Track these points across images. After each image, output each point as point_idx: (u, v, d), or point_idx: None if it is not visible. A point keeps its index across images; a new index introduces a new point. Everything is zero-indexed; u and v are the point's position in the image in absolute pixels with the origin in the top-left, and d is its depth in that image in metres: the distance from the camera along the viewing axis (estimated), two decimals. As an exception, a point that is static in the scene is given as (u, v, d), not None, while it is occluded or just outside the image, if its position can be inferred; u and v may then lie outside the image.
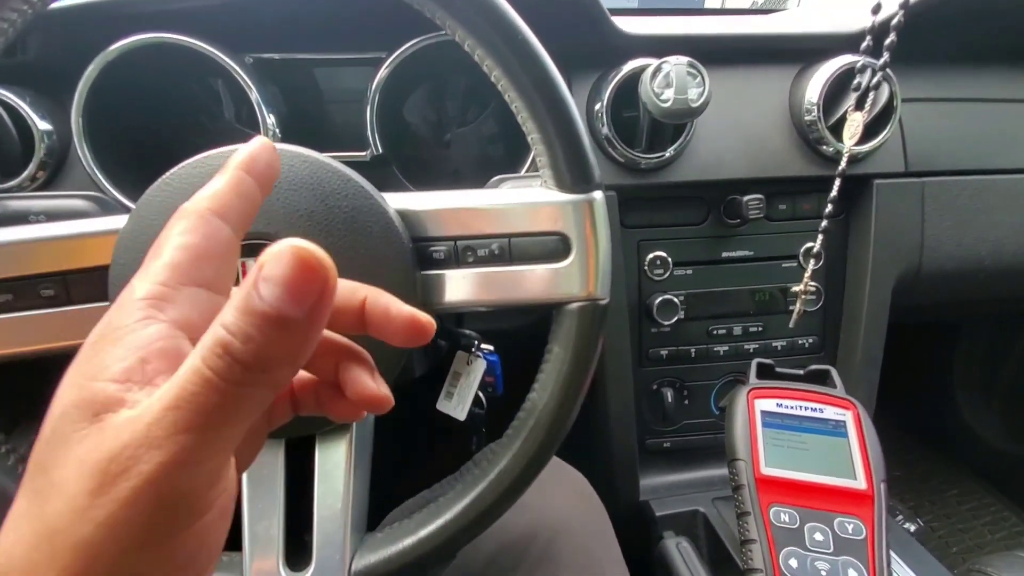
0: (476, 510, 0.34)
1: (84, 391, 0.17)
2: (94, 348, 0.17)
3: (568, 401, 0.34)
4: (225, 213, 0.20)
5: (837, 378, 0.51)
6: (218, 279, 0.20)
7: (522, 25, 0.32)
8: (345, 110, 0.63)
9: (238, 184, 0.21)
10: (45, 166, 0.53)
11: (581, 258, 0.34)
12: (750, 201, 0.58)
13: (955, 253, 0.64)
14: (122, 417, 0.16)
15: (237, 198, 0.21)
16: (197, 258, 0.19)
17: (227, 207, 0.20)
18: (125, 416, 0.16)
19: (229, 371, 0.16)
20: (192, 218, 0.20)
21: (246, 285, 0.16)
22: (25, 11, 0.30)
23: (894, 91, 0.56)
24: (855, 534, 0.42)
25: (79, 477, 0.15)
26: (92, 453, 0.16)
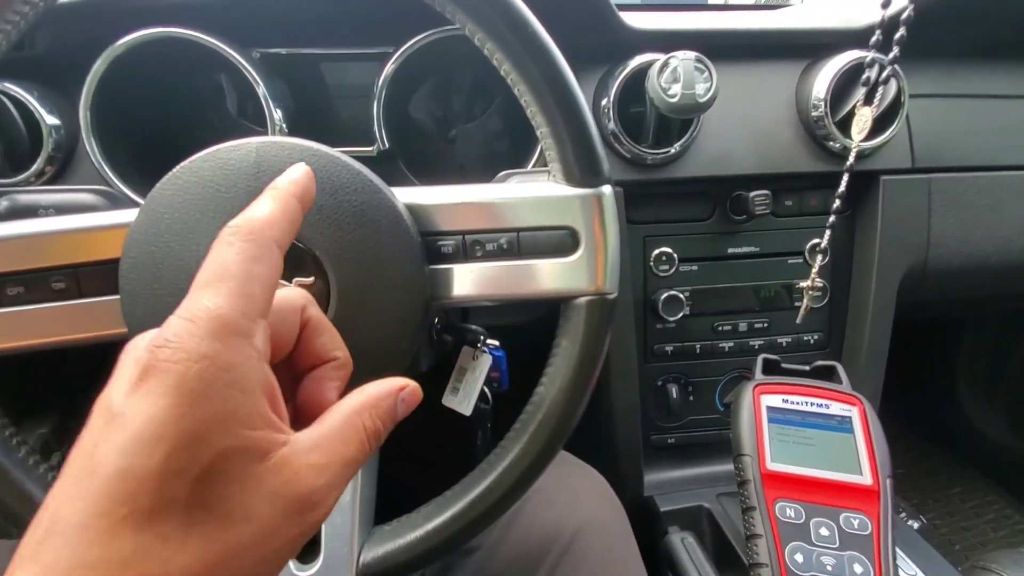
0: (484, 503, 0.34)
1: (246, 439, 0.19)
2: (220, 390, 0.19)
3: (576, 395, 0.34)
4: (282, 242, 0.23)
5: (843, 374, 0.51)
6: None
7: (532, 18, 0.32)
8: (351, 105, 0.63)
9: (291, 213, 0.23)
10: (53, 160, 0.53)
11: (590, 252, 0.34)
12: (756, 197, 0.58)
13: (961, 250, 0.64)
14: (290, 456, 0.20)
15: (290, 226, 0.23)
16: (267, 290, 0.22)
17: (283, 236, 0.23)
18: (291, 455, 0.20)
19: (376, 445, 0.23)
20: (261, 247, 0.22)
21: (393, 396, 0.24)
22: (37, 3, 0.30)
23: (901, 87, 0.56)
24: (861, 529, 0.42)
25: (274, 507, 0.19)
26: (287, 488, 0.20)
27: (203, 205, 0.32)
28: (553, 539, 0.46)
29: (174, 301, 0.32)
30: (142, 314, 0.32)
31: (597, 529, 0.48)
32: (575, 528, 0.47)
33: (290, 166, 0.32)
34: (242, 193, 0.31)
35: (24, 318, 0.33)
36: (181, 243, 0.32)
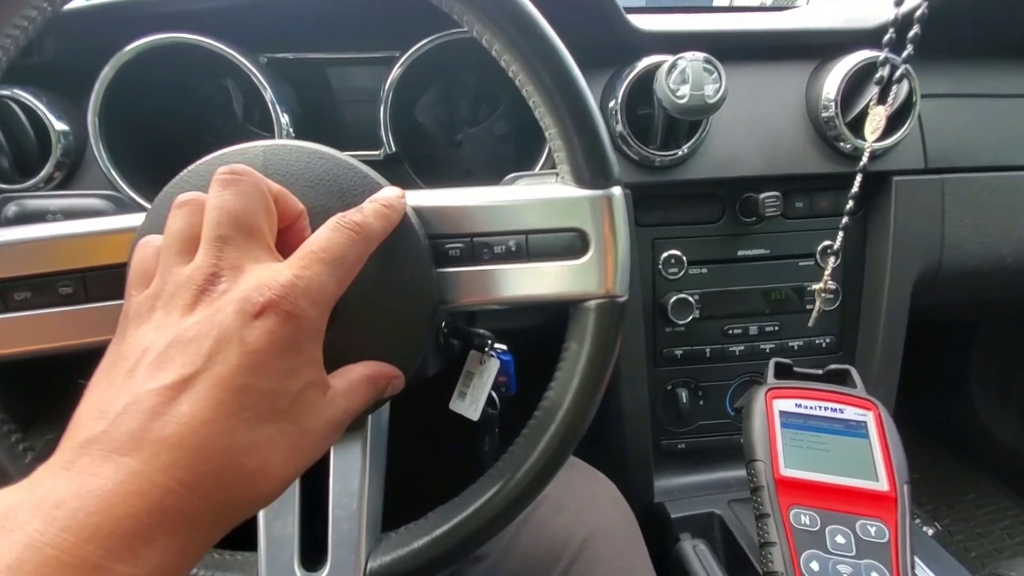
0: (492, 510, 0.34)
1: (318, 378, 0.26)
2: (311, 342, 0.26)
3: (587, 399, 0.34)
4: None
5: (857, 378, 0.50)
6: None
7: (541, 19, 0.31)
8: (358, 109, 0.63)
9: (389, 232, 0.31)
10: (62, 166, 0.53)
11: (599, 255, 0.34)
12: (766, 199, 0.58)
13: (976, 251, 0.63)
14: (334, 396, 0.27)
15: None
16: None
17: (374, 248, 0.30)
18: (335, 395, 0.27)
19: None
20: (367, 250, 0.29)
21: (388, 378, 0.32)
22: (45, 8, 0.30)
23: (913, 86, 0.55)
24: (878, 537, 0.41)
25: (327, 427, 0.26)
26: (332, 417, 0.27)
27: None
28: (563, 547, 0.46)
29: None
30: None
31: (607, 536, 0.47)
32: (585, 535, 0.46)
33: (297, 168, 0.32)
34: None
35: (31, 323, 0.33)
36: None
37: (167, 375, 0.22)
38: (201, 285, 0.24)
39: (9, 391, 0.35)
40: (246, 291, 0.24)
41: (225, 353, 0.23)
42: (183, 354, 0.23)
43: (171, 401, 0.22)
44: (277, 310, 0.24)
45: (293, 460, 0.25)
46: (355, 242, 0.27)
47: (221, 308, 0.24)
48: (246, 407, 0.23)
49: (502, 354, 0.51)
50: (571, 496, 0.50)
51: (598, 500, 0.51)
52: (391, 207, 0.30)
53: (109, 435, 0.21)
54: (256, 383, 0.23)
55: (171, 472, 0.21)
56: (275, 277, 0.25)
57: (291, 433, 0.24)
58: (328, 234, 0.27)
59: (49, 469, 0.21)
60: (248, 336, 0.23)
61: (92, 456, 0.20)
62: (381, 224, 0.29)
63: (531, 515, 0.48)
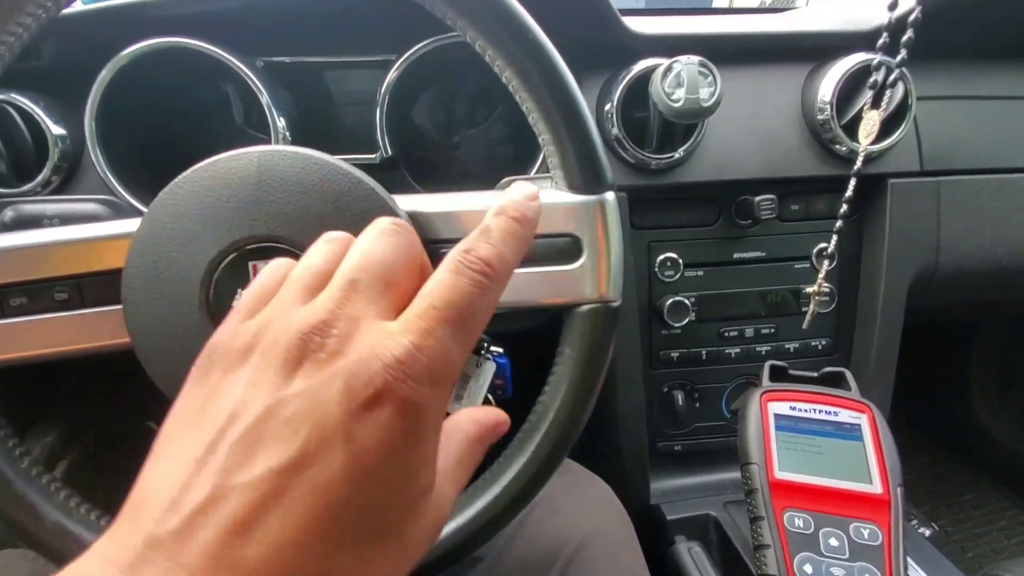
0: (486, 516, 0.34)
1: (432, 479, 0.21)
2: (432, 433, 0.21)
3: (580, 404, 0.34)
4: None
5: (852, 381, 0.50)
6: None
7: (533, 24, 0.31)
8: (355, 112, 0.63)
9: (521, 253, 0.24)
10: (59, 170, 0.53)
11: (593, 260, 0.34)
12: (762, 201, 0.58)
13: (972, 253, 0.63)
14: (439, 490, 0.22)
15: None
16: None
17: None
18: (439, 487, 0.22)
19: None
20: (497, 294, 0.22)
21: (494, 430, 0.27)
22: (39, 15, 0.30)
23: (909, 89, 0.56)
24: (871, 540, 0.42)
25: (429, 535, 0.21)
26: (437, 518, 0.22)
27: (205, 215, 0.31)
28: (558, 549, 0.46)
29: (176, 310, 0.32)
30: (145, 324, 0.32)
31: (602, 539, 0.47)
32: (580, 538, 0.46)
33: (291, 174, 0.32)
34: (243, 203, 0.31)
35: (27, 329, 0.33)
36: (182, 253, 0.31)
37: (255, 465, 0.18)
38: (306, 336, 0.19)
39: (6, 396, 0.35)
40: (358, 363, 0.19)
41: (327, 451, 0.18)
42: (277, 438, 0.18)
43: (257, 509, 0.17)
44: (394, 398, 0.18)
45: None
46: (486, 290, 0.21)
47: (327, 382, 0.19)
48: (343, 526, 0.18)
49: (498, 357, 0.51)
50: (567, 499, 0.50)
51: (594, 503, 0.51)
52: (523, 218, 0.23)
53: (181, 544, 0.17)
54: (360, 498, 0.18)
55: None
56: (393, 345, 0.19)
57: (393, 553, 0.20)
58: (451, 281, 0.20)
59: (105, 565, 0.17)
60: (358, 431, 0.18)
61: (157, 567, 0.17)
62: (515, 251, 0.22)
63: (526, 518, 0.48)
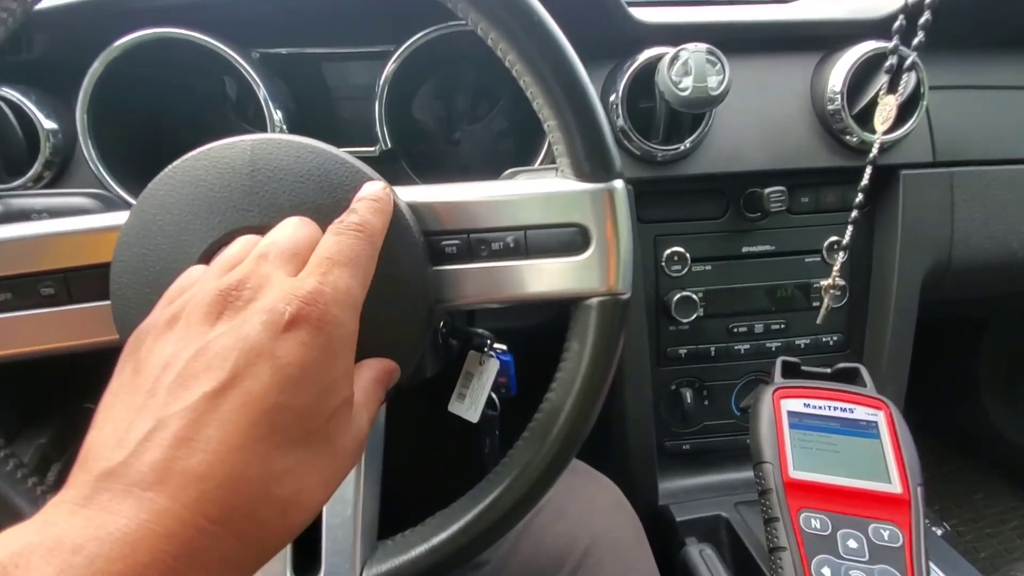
0: (492, 516, 0.32)
1: (350, 392, 0.25)
2: (346, 351, 0.25)
3: (590, 401, 0.32)
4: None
5: (867, 376, 0.49)
6: None
7: (538, 7, 0.30)
8: (354, 105, 0.62)
9: (386, 226, 0.30)
10: (51, 164, 0.52)
11: (601, 251, 0.32)
12: (771, 194, 0.56)
13: (986, 246, 0.62)
14: (356, 410, 0.26)
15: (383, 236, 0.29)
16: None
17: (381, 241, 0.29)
18: (355, 409, 0.26)
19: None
20: (376, 246, 0.28)
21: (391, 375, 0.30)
22: (14, 9, 0.29)
23: (921, 78, 0.54)
24: (891, 541, 0.40)
25: (354, 446, 0.25)
26: (358, 434, 0.25)
27: (196, 206, 0.30)
28: (566, 552, 0.45)
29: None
30: (134, 319, 0.31)
31: (611, 542, 0.46)
32: (589, 541, 0.45)
33: (286, 163, 0.30)
34: (236, 192, 0.30)
35: (12, 325, 0.32)
36: (173, 245, 0.30)
37: (191, 394, 0.20)
38: (224, 292, 0.23)
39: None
40: (272, 301, 0.23)
41: (255, 368, 0.21)
42: (208, 369, 0.21)
43: (197, 424, 0.20)
44: (308, 320, 0.22)
45: (324, 486, 0.23)
46: (363, 241, 0.27)
47: (247, 319, 0.22)
48: (278, 429, 0.21)
49: (502, 354, 0.50)
50: (574, 500, 0.49)
51: (602, 505, 0.50)
52: (380, 199, 0.29)
53: (130, 467, 0.19)
54: (290, 401, 0.21)
55: (200, 507, 0.19)
56: (300, 285, 0.23)
57: (324, 455, 0.23)
58: (335, 239, 0.26)
59: (63, 506, 0.18)
60: (279, 349, 0.22)
61: (111, 491, 0.18)
62: (379, 219, 0.29)
63: (533, 520, 0.47)
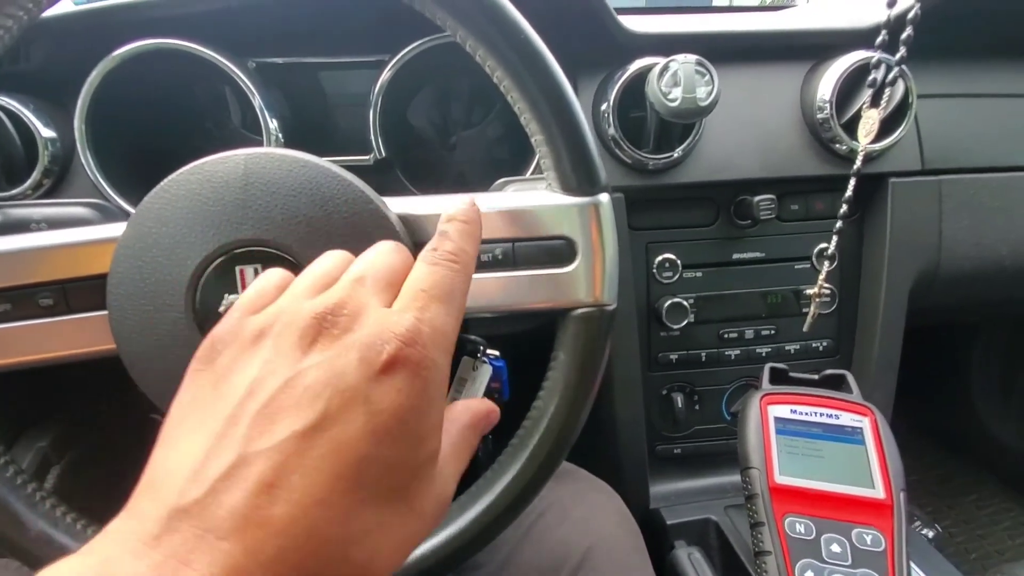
0: (481, 523, 0.33)
1: (439, 446, 0.23)
2: (440, 399, 0.22)
3: (575, 410, 0.33)
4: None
5: (853, 383, 0.50)
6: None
7: (524, 24, 0.31)
8: (349, 114, 0.62)
9: (477, 250, 0.28)
10: (49, 174, 0.52)
11: (587, 263, 0.33)
12: (761, 202, 0.57)
13: (974, 253, 0.63)
14: (442, 465, 0.23)
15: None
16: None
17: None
18: (442, 463, 0.23)
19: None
20: (468, 279, 0.26)
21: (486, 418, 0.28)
22: (21, 17, 0.30)
23: (909, 87, 0.55)
24: (874, 545, 0.41)
25: (436, 508, 0.22)
26: (442, 493, 0.23)
27: (190, 219, 0.31)
28: (564, 557, 0.45)
29: (162, 316, 0.31)
30: (130, 330, 0.32)
31: (610, 548, 0.46)
32: (587, 546, 0.46)
33: (278, 176, 0.31)
34: (230, 206, 0.31)
35: (10, 336, 0.32)
36: (168, 257, 0.31)
37: (279, 431, 0.18)
38: (319, 316, 0.21)
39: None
40: (369, 336, 0.20)
41: (348, 412, 0.19)
42: (299, 406, 0.19)
43: (283, 469, 0.18)
44: (407, 363, 0.20)
45: (401, 550, 0.21)
46: (458, 273, 0.24)
47: (342, 353, 0.20)
48: (364, 484, 0.19)
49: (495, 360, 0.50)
50: (574, 506, 0.50)
51: (601, 511, 0.51)
52: (471, 221, 0.27)
53: (206, 508, 0.17)
54: (379, 454, 0.19)
55: (275, 568, 0.17)
56: (398, 321, 0.21)
57: (405, 516, 0.21)
58: (430, 270, 0.24)
59: (127, 542, 0.17)
60: (375, 394, 0.19)
61: (183, 534, 0.17)
62: (472, 246, 0.26)
63: (533, 525, 0.48)
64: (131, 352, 0.32)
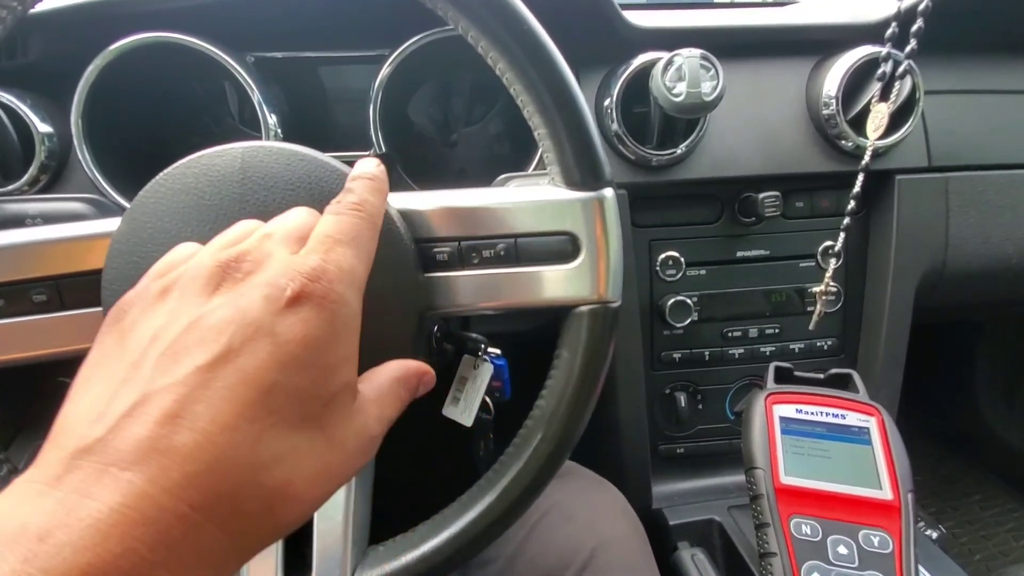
0: (483, 523, 0.32)
1: (353, 378, 0.23)
2: (351, 333, 0.23)
3: (578, 409, 0.32)
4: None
5: (860, 382, 0.49)
6: None
7: (527, 15, 0.30)
8: (349, 109, 0.62)
9: (384, 203, 0.29)
10: (46, 169, 0.52)
11: (591, 259, 0.32)
12: (766, 199, 0.56)
13: (981, 251, 0.62)
14: (363, 403, 0.24)
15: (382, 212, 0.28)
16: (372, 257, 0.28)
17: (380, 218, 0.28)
18: (363, 401, 0.24)
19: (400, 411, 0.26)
20: (375, 224, 0.27)
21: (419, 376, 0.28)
22: (15, 7, 0.29)
23: (916, 83, 0.54)
24: (881, 547, 0.40)
25: (356, 441, 0.23)
26: (363, 429, 0.23)
27: (187, 213, 0.30)
28: (571, 555, 0.45)
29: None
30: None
31: (616, 547, 0.46)
32: (594, 545, 0.45)
33: (276, 170, 0.31)
34: (227, 201, 0.30)
35: (3, 332, 0.32)
36: (164, 252, 0.30)
37: (181, 367, 0.19)
38: (223, 264, 0.22)
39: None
40: (274, 275, 0.21)
41: (252, 344, 0.19)
42: (202, 342, 0.19)
43: (186, 400, 0.18)
44: (311, 297, 0.21)
45: (320, 481, 0.21)
46: (363, 219, 0.25)
47: (245, 292, 0.21)
48: (272, 411, 0.19)
49: (496, 358, 0.50)
50: (581, 505, 0.49)
51: (608, 510, 0.50)
52: (376, 177, 0.28)
53: (108, 443, 0.17)
54: (287, 381, 0.20)
55: (183, 492, 0.17)
56: (303, 261, 0.22)
57: (319, 445, 0.21)
58: (334, 219, 0.25)
59: (30, 486, 0.17)
60: (280, 326, 0.20)
61: (85, 470, 0.17)
62: (377, 197, 0.27)
63: (540, 522, 0.48)
64: (126, 349, 0.31)
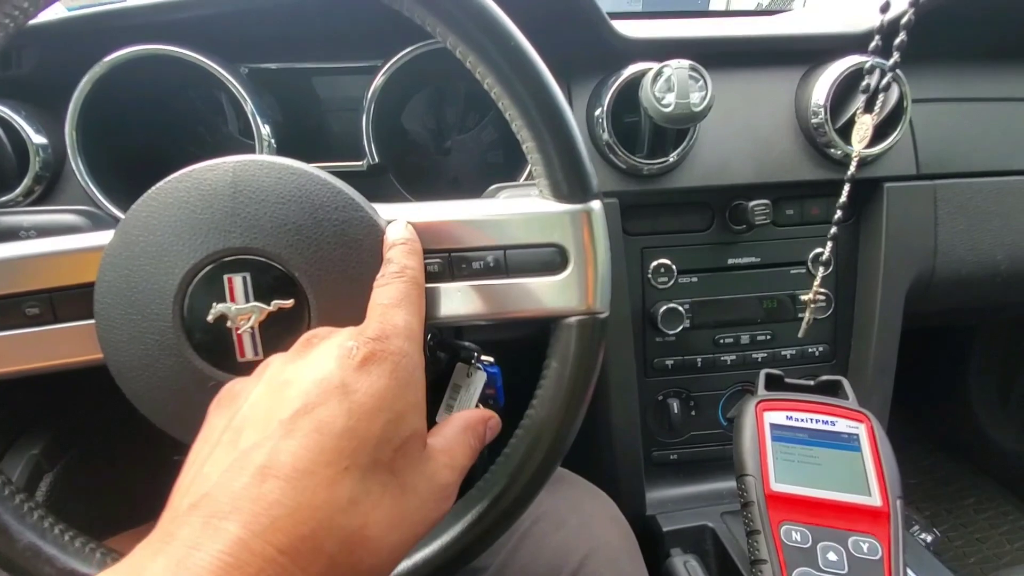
0: (473, 533, 0.33)
1: (422, 426, 0.25)
2: (416, 382, 0.25)
3: (568, 418, 0.33)
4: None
5: (849, 389, 0.49)
6: None
7: (515, 31, 0.31)
8: (343, 119, 0.62)
9: (421, 264, 0.32)
10: (41, 179, 0.52)
11: (579, 270, 0.33)
12: (756, 206, 0.57)
13: (970, 258, 0.63)
14: (433, 451, 0.26)
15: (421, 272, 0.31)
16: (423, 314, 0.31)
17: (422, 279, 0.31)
18: (433, 450, 0.26)
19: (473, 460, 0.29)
20: (420, 285, 0.30)
21: (485, 423, 0.31)
22: (17, 16, 0.29)
23: (904, 91, 0.55)
24: (871, 554, 0.40)
25: (428, 488, 0.24)
26: (435, 476, 0.25)
27: (178, 227, 0.31)
28: (562, 563, 0.45)
29: (149, 326, 0.31)
30: (117, 340, 0.31)
31: (607, 554, 0.46)
32: (585, 552, 0.46)
33: (267, 184, 0.31)
34: (218, 214, 0.30)
35: None
36: (155, 266, 0.31)
37: (271, 425, 0.21)
38: (301, 341, 0.26)
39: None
40: (342, 339, 0.24)
41: (327, 397, 0.22)
42: (283, 401, 0.22)
43: (274, 453, 0.20)
44: (379, 356, 0.24)
45: (395, 525, 0.22)
46: (407, 282, 0.28)
47: (321, 357, 0.24)
48: (345, 454, 0.21)
49: (489, 366, 0.50)
50: (572, 513, 0.50)
51: (599, 517, 0.51)
52: (408, 240, 0.31)
53: (212, 498, 0.19)
54: (358, 426, 0.22)
55: (270, 536, 0.18)
56: (366, 326, 0.25)
57: (392, 489, 0.23)
58: (383, 289, 0.28)
59: (148, 548, 0.19)
60: (350, 382, 0.23)
61: (193, 525, 0.19)
62: (414, 259, 0.30)
63: (531, 530, 0.48)
64: (118, 362, 0.31)
